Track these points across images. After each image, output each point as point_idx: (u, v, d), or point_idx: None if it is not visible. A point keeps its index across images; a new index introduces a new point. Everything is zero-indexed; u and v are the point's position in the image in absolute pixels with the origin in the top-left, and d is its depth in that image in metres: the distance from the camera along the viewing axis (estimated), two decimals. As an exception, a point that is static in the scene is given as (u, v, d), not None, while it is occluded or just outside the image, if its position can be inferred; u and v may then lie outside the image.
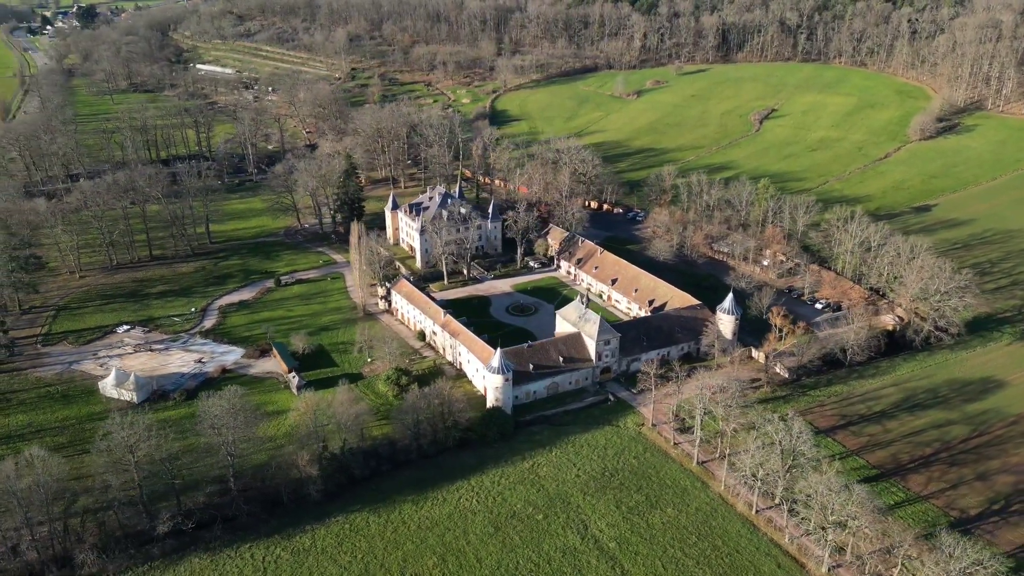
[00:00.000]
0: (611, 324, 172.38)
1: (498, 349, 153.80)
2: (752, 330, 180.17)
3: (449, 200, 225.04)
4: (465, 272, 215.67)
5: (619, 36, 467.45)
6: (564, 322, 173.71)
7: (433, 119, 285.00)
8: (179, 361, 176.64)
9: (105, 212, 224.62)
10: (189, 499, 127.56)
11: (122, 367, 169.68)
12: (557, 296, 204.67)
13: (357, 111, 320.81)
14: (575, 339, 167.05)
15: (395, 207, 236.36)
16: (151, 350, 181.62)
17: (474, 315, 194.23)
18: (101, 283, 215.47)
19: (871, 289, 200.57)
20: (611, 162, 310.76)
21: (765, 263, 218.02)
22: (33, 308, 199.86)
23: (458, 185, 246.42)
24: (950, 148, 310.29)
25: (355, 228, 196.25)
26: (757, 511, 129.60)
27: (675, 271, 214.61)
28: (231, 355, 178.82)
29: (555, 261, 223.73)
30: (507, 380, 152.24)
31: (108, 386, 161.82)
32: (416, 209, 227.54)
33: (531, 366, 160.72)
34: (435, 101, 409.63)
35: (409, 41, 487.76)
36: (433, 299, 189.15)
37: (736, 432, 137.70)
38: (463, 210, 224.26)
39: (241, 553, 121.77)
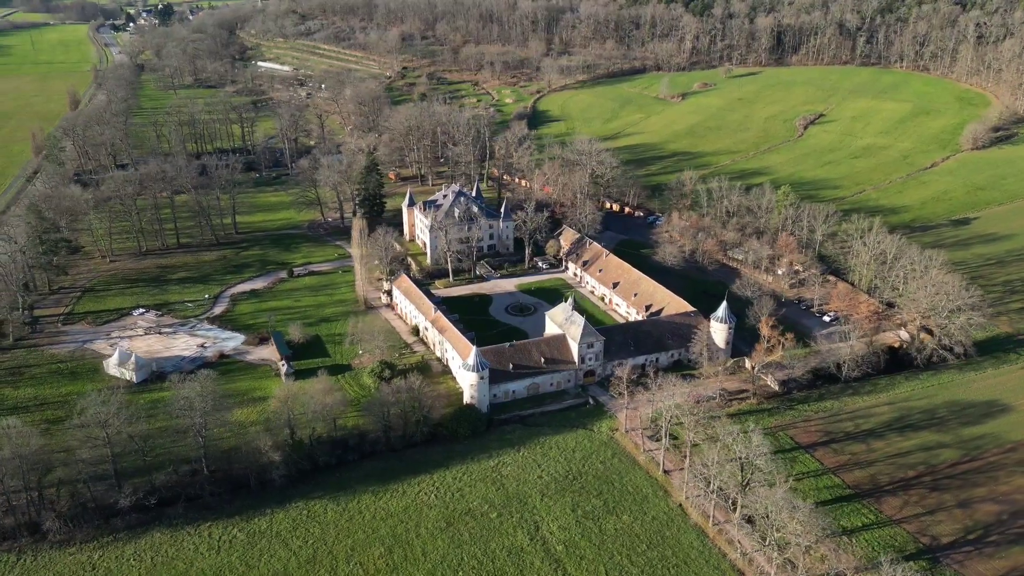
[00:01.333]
0: (600, 328, 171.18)
1: (474, 347, 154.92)
2: (751, 340, 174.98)
3: (462, 198, 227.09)
4: (471, 270, 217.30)
5: (670, 37, 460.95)
6: (551, 323, 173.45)
7: (460, 118, 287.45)
8: (183, 345, 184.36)
9: (136, 200, 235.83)
10: (157, 477, 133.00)
11: (129, 348, 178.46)
12: (559, 297, 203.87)
13: (394, 109, 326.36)
14: (559, 340, 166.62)
15: (411, 204, 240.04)
16: (160, 333, 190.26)
17: (473, 313, 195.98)
18: (128, 268, 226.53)
19: (886, 303, 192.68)
20: (643, 165, 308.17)
21: (779, 272, 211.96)
22: (62, 289, 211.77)
23: (475, 184, 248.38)
24: (1002, 159, 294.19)
25: (357, 223, 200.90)
26: (714, 523, 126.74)
27: (684, 277, 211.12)
28: (232, 341, 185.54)
29: (563, 262, 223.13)
30: (482, 378, 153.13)
31: (112, 365, 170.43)
32: (431, 206, 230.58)
33: (511, 365, 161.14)
34: (479, 100, 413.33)
35: (461, 41, 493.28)
36: (431, 296, 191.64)
37: (698, 443, 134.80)
38: (475, 208, 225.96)
39: (200, 531, 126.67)
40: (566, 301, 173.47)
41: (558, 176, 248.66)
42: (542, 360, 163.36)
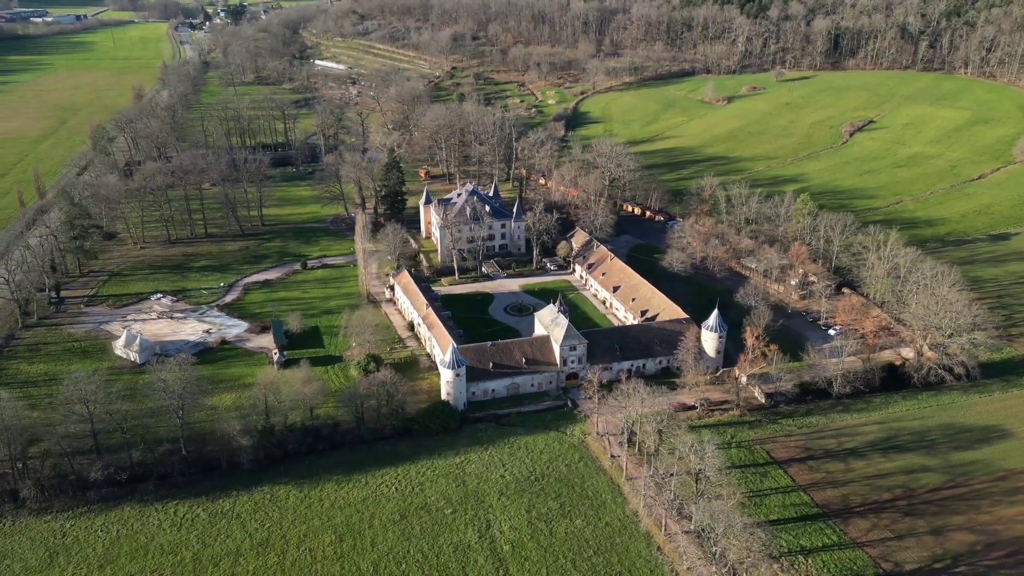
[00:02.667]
0: (586, 331, 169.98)
1: (451, 344, 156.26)
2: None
3: (475, 197, 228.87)
4: (477, 269, 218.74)
5: (722, 39, 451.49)
6: (539, 324, 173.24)
7: (487, 119, 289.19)
8: (190, 330, 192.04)
9: (167, 191, 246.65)
10: (135, 454, 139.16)
11: (139, 331, 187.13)
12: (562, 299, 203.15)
13: (428, 108, 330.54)
14: (543, 342, 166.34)
15: (428, 201, 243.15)
16: (172, 318, 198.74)
17: (472, 312, 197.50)
18: (156, 255, 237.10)
19: (897, 319, 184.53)
20: (675, 169, 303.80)
21: (792, 282, 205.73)
22: (91, 272, 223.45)
23: (493, 184, 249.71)
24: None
25: (360, 219, 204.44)
26: (666, 533, 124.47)
27: (691, 283, 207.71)
28: (236, 329, 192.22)
29: (571, 265, 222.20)
30: (458, 375, 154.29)
31: (119, 346, 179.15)
32: (445, 204, 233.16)
33: (491, 364, 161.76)
34: (521, 101, 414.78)
35: (511, 41, 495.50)
36: (429, 292, 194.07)
37: (660, 452, 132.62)
38: (486, 208, 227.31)
39: (167, 508, 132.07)
40: (555, 302, 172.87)
41: (576, 177, 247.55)
42: (523, 360, 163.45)
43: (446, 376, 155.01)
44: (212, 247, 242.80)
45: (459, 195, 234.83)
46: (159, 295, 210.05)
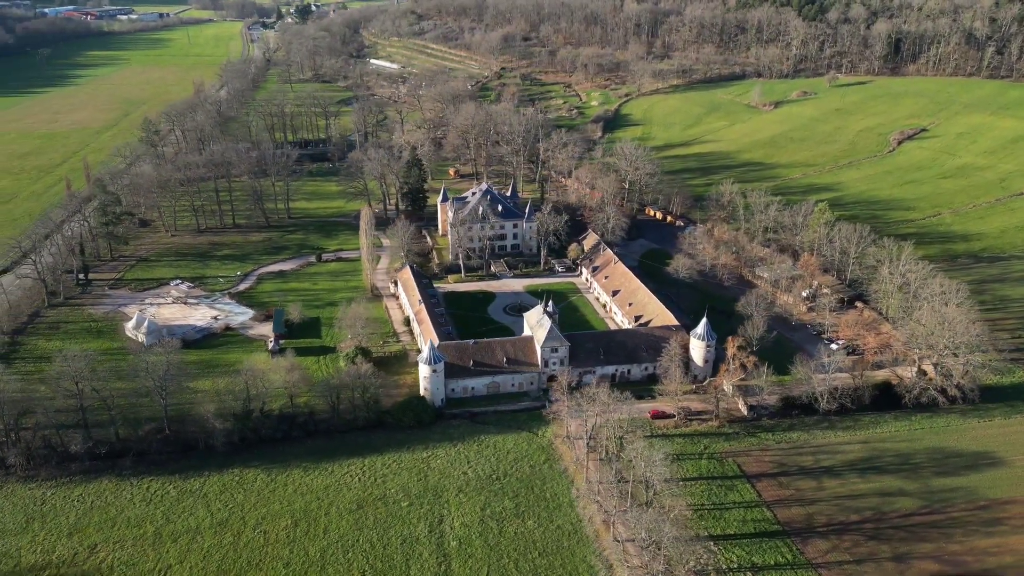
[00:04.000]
0: (570, 334, 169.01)
1: (429, 340, 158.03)
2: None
3: (488, 197, 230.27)
4: (484, 268, 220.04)
5: (776, 42, 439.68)
6: (526, 324, 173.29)
7: (514, 119, 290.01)
8: (199, 315, 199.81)
9: (199, 183, 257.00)
10: (120, 431, 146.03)
11: (154, 315, 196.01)
12: (562, 301, 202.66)
13: (462, 107, 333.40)
14: (526, 342, 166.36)
15: (444, 199, 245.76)
16: (186, 303, 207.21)
17: (471, 310, 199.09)
18: (183, 243, 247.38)
19: (914, 337, 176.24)
20: (708, 173, 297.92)
21: (803, 294, 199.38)
22: (121, 256, 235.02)
23: (512, 183, 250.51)
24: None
25: (365, 213, 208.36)
26: (615, 540, 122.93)
27: (695, 290, 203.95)
28: (242, 316, 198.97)
29: (579, 267, 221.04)
30: (435, 371, 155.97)
31: (129, 328, 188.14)
32: (459, 203, 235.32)
33: (472, 362, 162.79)
34: (565, 102, 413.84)
35: (562, 42, 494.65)
36: (432, 289, 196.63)
37: (620, 459, 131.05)
38: (498, 207, 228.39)
39: (141, 484, 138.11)
40: (544, 303, 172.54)
41: (594, 179, 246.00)
42: (505, 360, 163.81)
43: (423, 371, 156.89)
44: (237, 237, 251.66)
45: (473, 194, 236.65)
46: (178, 281, 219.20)
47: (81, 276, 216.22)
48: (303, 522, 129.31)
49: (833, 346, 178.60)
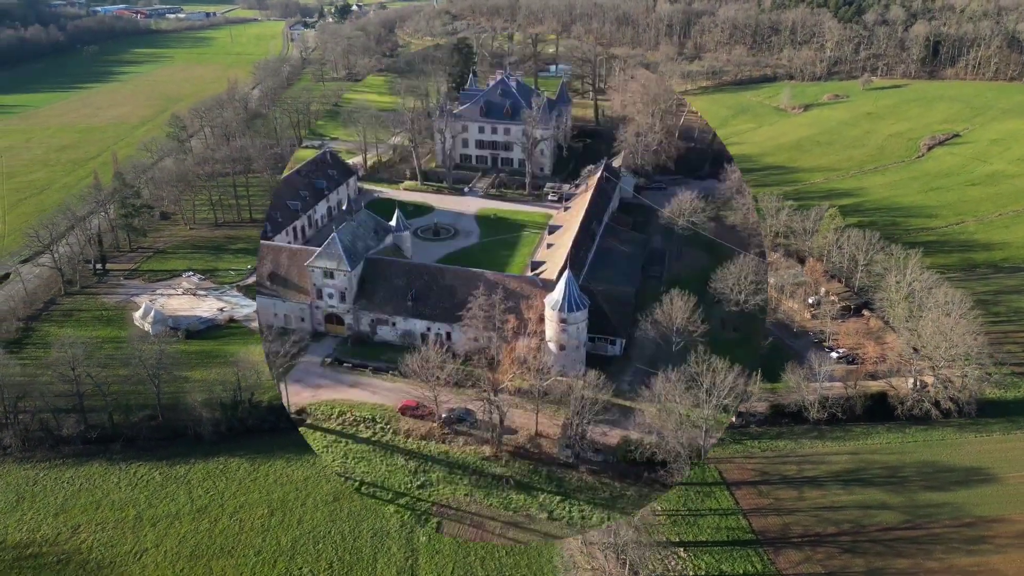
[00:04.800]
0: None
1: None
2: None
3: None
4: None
5: (810, 44, 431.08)
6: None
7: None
8: (207, 307, 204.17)
9: (217, 177, 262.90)
10: (114, 416, 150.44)
11: (163, 305, 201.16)
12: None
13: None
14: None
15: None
16: (195, 295, 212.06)
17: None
18: (201, 236, 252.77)
19: (914, 348, 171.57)
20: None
21: (809, 300, 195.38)
22: (139, 248, 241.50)
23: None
24: None
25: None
26: (584, 542, 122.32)
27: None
28: (247, 309, 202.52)
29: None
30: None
31: (137, 317, 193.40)
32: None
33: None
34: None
35: (593, 42, 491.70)
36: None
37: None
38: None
39: (129, 469, 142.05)
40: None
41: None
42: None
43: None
44: (253, 231, 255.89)
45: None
46: (190, 273, 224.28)
47: (99, 266, 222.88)
48: (279, 512, 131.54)
49: (833, 355, 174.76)
